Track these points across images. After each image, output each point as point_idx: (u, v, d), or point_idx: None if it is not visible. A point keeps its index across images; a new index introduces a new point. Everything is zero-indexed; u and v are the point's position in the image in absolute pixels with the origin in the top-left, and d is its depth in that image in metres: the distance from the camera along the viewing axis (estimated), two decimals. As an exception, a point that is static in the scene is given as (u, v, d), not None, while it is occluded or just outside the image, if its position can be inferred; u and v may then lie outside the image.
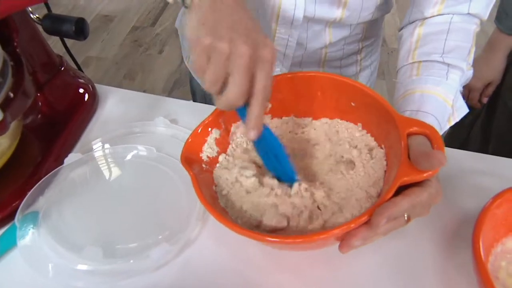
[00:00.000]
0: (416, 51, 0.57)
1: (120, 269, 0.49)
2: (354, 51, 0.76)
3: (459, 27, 0.56)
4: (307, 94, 0.54)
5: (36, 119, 0.62)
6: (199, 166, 0.48)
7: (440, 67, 0.53)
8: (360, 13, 0.64)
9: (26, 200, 0.52)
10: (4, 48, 0.51)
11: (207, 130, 0.50)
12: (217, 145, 0.51)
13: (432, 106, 0.50)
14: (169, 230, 0.52)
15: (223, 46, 0.38)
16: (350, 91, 0.51)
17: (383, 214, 0.37)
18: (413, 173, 0.40)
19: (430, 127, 0.43)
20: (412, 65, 0.56)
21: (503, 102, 0.94)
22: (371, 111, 0.49)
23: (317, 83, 0.52)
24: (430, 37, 0.57)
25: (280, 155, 0.46)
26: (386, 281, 0.48)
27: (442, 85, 0.52)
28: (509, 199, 0.47)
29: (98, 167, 0.59)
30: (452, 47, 0.55)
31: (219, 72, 0.39)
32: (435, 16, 0.57)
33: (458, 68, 0.54)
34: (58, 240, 0.50)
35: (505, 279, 0.47)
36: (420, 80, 0.53)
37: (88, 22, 0.56)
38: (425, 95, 0.51)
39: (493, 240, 0.48)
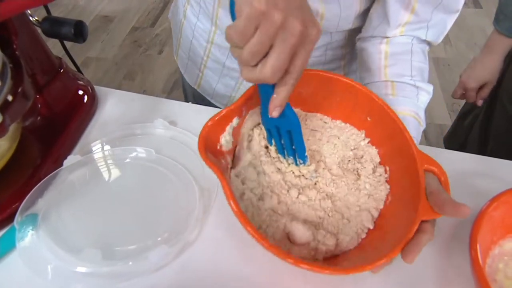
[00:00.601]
0: (387, 69, 0.61)
1: (119, 271, 0.49)
2: (337, 56, 0.76)
3: (418, 48, 0.61)
4: (326, 94, 0.54)
5: (36, 121, 0.62)
6: (218, 161, 0.45)
7: (411, 89, 0.59)
8: (339, 22, 0.63)
9: (25, 202, 0.52)
10: (4, 50, 0.51)
11: (229, 117, 0.46)
12: (233, 136, 0.48)
13: (412, 128, 0.54)
14: (168, 232, 0.52)
15: (278, 16, 0.35)
16: (372, 106, 0.51)
17: (414, 253, 0.42)
18: (431, 214, 0.43)
19: (439, 166, 0.47)
20: (385, 83, 0.60)
21: (501, 104, 0.94)
22: (385, 129, 0.51)
23: (338, 87, 0.52)
24: (397, 57, 0.61)
25: (296, 131, 0.46)
26: (384, 283, 0.49)
27: (415, 106, 0.57)
28: (507, 201, 0.47)
29: (97, 169, 0.59)
30: (417, 69, 0.60)
31: (265, 43, 0.36)
32: (398, 36, 0.61)
33: (425, 91, 0.59)
34: (57, 242, 0.51)
35: (502, 281, 0.48)
36: (397, 101, 0.57)
37: (87, 25, 0.56)
38: (406, 118, 0.55)
39: (490, 242, 0.48)
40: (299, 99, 0.54)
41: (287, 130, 0.47)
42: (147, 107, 0.70)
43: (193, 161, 0.59)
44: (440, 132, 1.81)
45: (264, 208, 0.47)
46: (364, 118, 0.53)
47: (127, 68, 2.19)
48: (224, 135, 0.47)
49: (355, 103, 0.53)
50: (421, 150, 0.47)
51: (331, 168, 0.52)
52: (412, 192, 0.46)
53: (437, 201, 0.44)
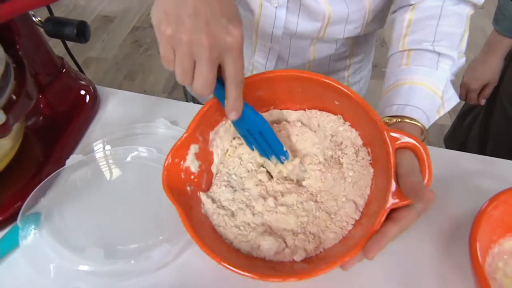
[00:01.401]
0: (406, 38, 0.55)
1: (121, 269, 0.49)
2: (341, 68, 0.74)
3: (452, 11, 0.54)
4: (287, 91, 0.51)
5: (38, 121, 0.62)
6: (183, 192, 0.46)
7: (431, 56, 0.52)
8: (346, 26, 0.61)
9: (28, 202, 0.53)
10: (7, 51, 0.51)
11: (184, 150, 0.48)
12: (198, 159, 0.49)
13: (420, 99, 0.49)
14: (169, 231, 0.52)
15: (184, 37, 0.37)
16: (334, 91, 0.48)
17: (375, 249, 0.39)
18: (401, 199, 0.40)
19: (419, 142, 0.42)
20: (402, 53, 0.54)
21: (501, 104, 0.94)
22: (356, 113, 0.48)
23: (298, 82, 0.50)
24: (421, 23, 0.54)
25: (265, 130, 0.47)
26: (383, 282, 0.49)
27: (431, 75, 0.51)
28: (506, 200, 0.48)
29: (99, 169, 0.60)
30: (444, 34, 0.53)
31: (186, 64, 0.38)
32: (426, 0, 0.55)
33: (448, 57, 0.52)
34: (60, 241, 0.51)
35: (502, 280, 0.48)
36: (410, 70, 0.52)
37: (89, 25, 0.56)
38: (413, 87, 0.50)
39: (490, 241, 0.49)
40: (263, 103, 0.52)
41: (258, 132, 0.47)
42: (149, 107, 0.70)
43: (194, 161, 0.60)
44: (440, 132, 1.81)
45: (235, 224, 0.47)
46: (333, 102, 0.50)
47: (127, 68, 2.19)
48: (187, 162, 0.48)
49: (321, 92, 0.50)
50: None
51: (318, 161, 0.50)
52: (385, 175, 0.43)
53: (404, 184, 0.40)
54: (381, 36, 2.31)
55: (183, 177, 0.47)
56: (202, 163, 0.49)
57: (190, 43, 0.37)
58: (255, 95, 0.49)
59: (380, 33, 0.73)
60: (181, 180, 0.47)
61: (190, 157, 0.48)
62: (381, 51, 2.25)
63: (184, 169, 0.47)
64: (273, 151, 0.48)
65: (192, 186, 0.48)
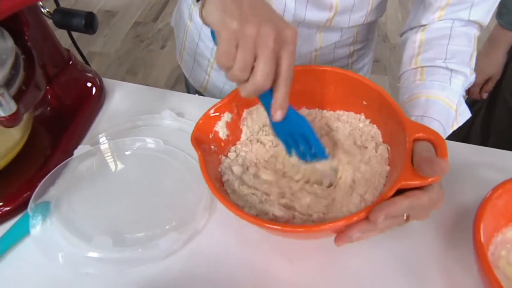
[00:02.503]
0: (419, 56, 0.57)
1: (129, 257, 0.50)
2: (345, 54, 0.76)
3: (460, 32, 0.57)
4: (319, 87, 0.54)
5: (45, 112, 0.63)
6: (207, 147, 0.50)
7: (444, 72, 0.54)
8: (351, 16, 0.63)
9: (38, 191, 0.54)
10: (16, 42, 0.51)
11: (219, 112, 0.51)
12: (227, 129, 0.52)
13: (437, 111, 0.51)
14: (176, 220, 0.53)
15: (252, 29, 0.38)
16: (363, 89, 0.51)
17: (381, 211, 0.39)
18: (414, 177, 0.41)
19: (436, 134, 0.44)
20: (415, 70, 0.57)
21: (503, 98, 0.95)
22: (381, 110, 0.50)
23: (331, 78, 0.53)
24: (432, 42, 0.57)
25: (308, 132, 0.47)
26: (387, 273, 0.50)
27: (446, 90, 0.53)
28: (509, 190, 0.48)
29: (107, 159, 0.60)
30: (454, 52, 0.55)
31: (249, 57, 0.39)
32: (436, 22, 0.58)
33: (461, 74, 0.55)
34: (69, 229, 0.52)
35: (505, 268, 0.48)
36: (424, 85, 0.54)
37: (97, 16, 0.57)
38: (430, 100, 0.52)
39: (493, 230, 0.49)
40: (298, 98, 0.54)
41: (300, 134, 0.47)
42: (154, 98, 0.71)
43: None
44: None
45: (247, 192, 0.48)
46: (360, 102, 0.53)
47: (129, 63, 2.20)
48: (218, 127, 0.51)
49: (348, 90, 0.53)
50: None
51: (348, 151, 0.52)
52: (401, 161, 0.44)
53: (418, 161, 0.41)
54: (383, 31, 2.31)
55: (211, 137, 0.51)
56: (230, 134, 0.53)
57: (257, 36, 0.38)
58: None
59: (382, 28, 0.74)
60: (208, 139, 0.50)
61: (221, 123, 0.52)
62: (384, 46, 2.26)
63: (213, 132, 0.51)
64: (314, 156, 0.49)
65: (216, 148, 0.51)
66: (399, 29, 2.48)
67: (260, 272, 0.50)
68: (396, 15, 2.41)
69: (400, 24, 2.36)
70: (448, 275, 0.49)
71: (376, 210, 0.39)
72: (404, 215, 0.42)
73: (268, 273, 0.50)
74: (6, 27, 0.51)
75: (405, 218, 0.42)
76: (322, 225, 0.41)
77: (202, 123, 0.50)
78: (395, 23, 2.37)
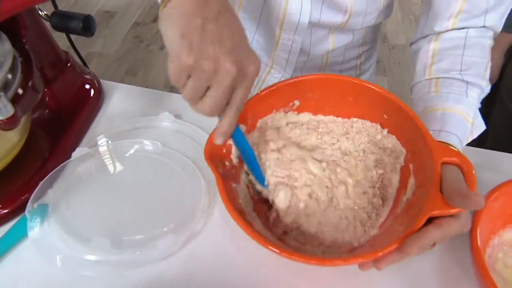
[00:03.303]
0: (432, 66, 0.56)
1: (128, 259, 0.50)
2: (354, 56, 0.76)
3: (475, 42, 0.55)
4: (339, 97, 0.54)
5: (44, 114, 0.63)
6: (222, 164, 0.48)
7: (459, 84, 0.53)
8: (364, 18, 0.64)
9: (36, 193, 0.54)
10: (13, 44, 0.51)
11: None
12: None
13: (454, 125, 0.50)
14: (174, 222, 0.53)
15: (209, 66, 0.35)
16: (385, 103, 0.50)
17: (415, 243, 0.39)
18: (444, 207, 0.40)
19: (464, 158, 0.44)
20: (430, 81, 0.55)
21: (501, 99, 0.95)
22: (403, 127, 0.49)
23: (351, 89, 0.53)
24: (446, 52, 0.56)
25: (250, 157, 0.49)
26: (383, 273, 0.50)
27: (462, 103, 0.52)
28: (506, 192, 0.48)
29: (105, 161, 0.61)
30: (470, 63, 0.54)
31: (199, 88, 0.37)
32: (450, 31, 0.56)
33: (477, 86, 0.54)
34: (67, 231, 0.52)
35: (502, 270, 0.49)
36: (440, 97, 0.53)
37: (95, 19, 0.57)
38: (446, 113, 0.51)
39: (490, 232, 0.49)
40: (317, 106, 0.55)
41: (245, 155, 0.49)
42: (153, 100, 0.71)
43: (198, 154, 0.60)
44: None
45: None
46: (382, 116, 0.52)
47: (129, 63, 2.20)
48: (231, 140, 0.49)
49: (369, 102, 0.52)
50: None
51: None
52: (428, 186, 0.43)
53: (449, 191, 0.40)
54: (383, 31, 2.31)
55: (224, 152, 0.49)
56: None
57: (214, 72, 0.36)
58: (307, 96, 0.52)
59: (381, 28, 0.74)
60: (222, 154, 0.49)
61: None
62: (383, 46, 2.26)
63: (226, 146, 0.49)
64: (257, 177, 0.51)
65: (230, 163, 0.50)
66: (398, 29, 2.49)
67: (258, 274, 0.50)
68: (396, 15, 2.41)
69: (399, 24, 2.36)
70: (445, 277, 0.49)
71: (410, 242, 0.38)
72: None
73: (266, 276, 0.50)
74: (3, 30, 0.51)
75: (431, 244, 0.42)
76: (351, 259, 0.40)
77: (212, 144, 0.47)
78: (394, 23, 2.38)
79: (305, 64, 0.73)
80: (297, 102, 0.55)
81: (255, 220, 0.48)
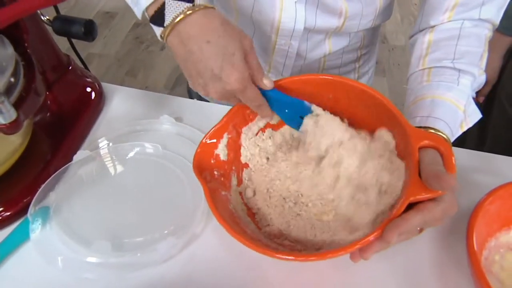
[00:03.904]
0: (426, 57, 0.57)
1: (128, 262, 0.51)
2: (352, 59, 0.76)
3: (470, 32, 0.55)
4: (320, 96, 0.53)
5: (45, 117, 0.63)
6: (210, 173, 0.50)
7: (451, 72, 0.53)
8: (360, 21, 0.64)
9: (38, 196, 0.54)
10: (15, 49, 0.52)
11: (216, 138, 0.51)
12: (228, 149, 0.52)
13: (443, 111, 0.50)
14: (175, 225, 0.54)
15: (203, 93, 0.47)
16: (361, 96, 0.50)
17: (395, 229, 0.39)
18: (423, 191, 0.40)
19: (441, 140, 0.44)
20: (422, 71, 0.56)
21: (500, 102, 0.95)
22: (381, 117, 0.49)
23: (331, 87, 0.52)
24: (440, 43, 0.56)
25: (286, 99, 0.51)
26: (382, 275, 0.50)
27: (453, 90, 0.52)
28: (502, 195, 0.49)
29: (106, 164, 0.61)
30: (463, 52, 0.54)
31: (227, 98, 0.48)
32: (446, 23, 0.57)
33: (469, 74, 0.53)
34: (69, 234, 0.52)
35: (498, 272, 0.49)
36: (431, 86, 0.53)
37: (96, 24, 0.57)
38: (435, 100, 0.51)
39: (487, 235, 0.50)
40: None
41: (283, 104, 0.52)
42: (153, 103, 0.71)
43: (198, 156, 0.61)
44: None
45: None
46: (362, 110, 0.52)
47: (129, 64, 2.20)
48: (218, 150, 0.52)
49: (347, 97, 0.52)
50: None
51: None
52: (408, 170, 0.43)
53: (426, 174, 0.41)
54: (382, 32, 2.32)
55: (213, 163, 0.50)
56: (231, 153, 0.53)
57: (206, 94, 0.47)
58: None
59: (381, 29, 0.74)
60: (210, 165, 0.50)
61: (221, 146, 0.51)
62: (382, 47, 2.26)
63: (214, 156, 0.51)
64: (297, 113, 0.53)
65: (219, 172, 0.51)
66: (397, 30, 2.49)
67: (257, 277, 0.51)
68: (394, 16, 2.41)
69: (398, 24, 2.37)
70: (443, 277, 0.50)
71: (389, 229, 0.39)
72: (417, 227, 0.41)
73: (266, 278, 0.50)
74: (6, 34, 0.52)
75: (418, 229, 0.42)
76: (338, 251, 0.40)
77: (200, 151, 0.49)
78: (394, 24, 2.38)
79: (302, 68, 0.74)
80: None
81: (250, 224, 0.49)
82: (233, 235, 0.42)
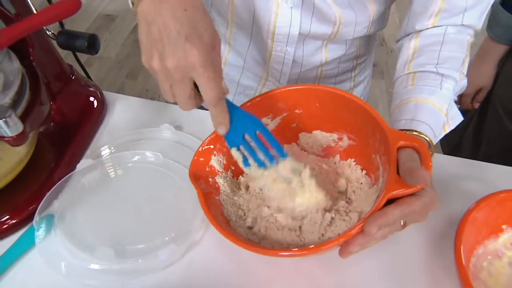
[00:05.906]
0: (411, 62, 0.59)
1: (130, 268, 0.52)
2: (348, 68, 0.78)
3: (453, 38, 0.58)
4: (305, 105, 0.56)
5: (49, 127, 0.65)
6: (205, 180, 0.52)
7: (434, 77, 0.56)
8: (355, 28, 0.66)
9: (43, 204, 0.56)
10: (21, 61, 0.54)
11: (214, 144, 0.53)
12: (224, 157, 0.55)
13: (426, 114, 0.52)
14: (175, 232, 0.55)
15: (155, 65, 0.41)
16: (345, 103, 0.52)
17: (374, 222, 0.40)
18: (399, 186, 0.42)
19: (418, 140, 0.46)
20: (407, 76, 0.58)
21: (494, 108, 0.97)
22: (365, 124, 0.52)
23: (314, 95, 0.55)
24: (425, 49, 0.59)
25: (262, 129, 0.50)
26: (374, 280, 0.52)
27: (436, 94, 0.54)
28: (490, 204, 0.51)
29: (108, 172, 0.63)
30: (446, 57, 0.57)
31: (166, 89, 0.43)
32: (430, 28, 0.60)
33: (451, 78, 0.56)
34: (72, 241, 0.54)
35: (486, 279, 0.51)
36: (415, 90, 0.56)
37: (99, 38, 0.59)
38: (419, 104, 0.53)
39: (475, 242, 0.52)
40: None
41: (255, 133, 0.50)
42: (154, 112, 0.73)
43: (198, 165, 0.63)
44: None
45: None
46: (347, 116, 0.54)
47: (129, 67, 2.22)
48: (212, 161, 0.54)
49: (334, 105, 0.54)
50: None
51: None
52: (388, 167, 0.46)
53: (403, 171, 0.43)
54: (381, 35, 2.33)
55: (208, 170, 0.53)
56: (227, 161, 0.55)
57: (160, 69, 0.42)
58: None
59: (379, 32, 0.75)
60: (205, 172, 0.53)
61: (214, 157, 0.54)
62: (380, 50, 2.28)
63: (209, 165, 0.54)
64: (270, 155, 0.51)
65: (213, 179, 0.53)
66: (396, 33, 2.49)
67: (256, 283, 0.52)
68: (393, 19, 2.42)
69: (397, 28, 2.38)
70: (434, 283, 0.52)
71: (368, 222, 0.40)
72: (401, 221, 0.43)
73: (264, 283, 0.52)
74: (12, 48, 0.53)
75: (402, 224, 0.43)
76: (322, 245, 0.42)
77: (196, 159, 0.52)
78: (392, 27, 2.39)
79: (299, 76, 0.75)
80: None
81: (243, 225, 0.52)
82: (227, 237, 0.45)
